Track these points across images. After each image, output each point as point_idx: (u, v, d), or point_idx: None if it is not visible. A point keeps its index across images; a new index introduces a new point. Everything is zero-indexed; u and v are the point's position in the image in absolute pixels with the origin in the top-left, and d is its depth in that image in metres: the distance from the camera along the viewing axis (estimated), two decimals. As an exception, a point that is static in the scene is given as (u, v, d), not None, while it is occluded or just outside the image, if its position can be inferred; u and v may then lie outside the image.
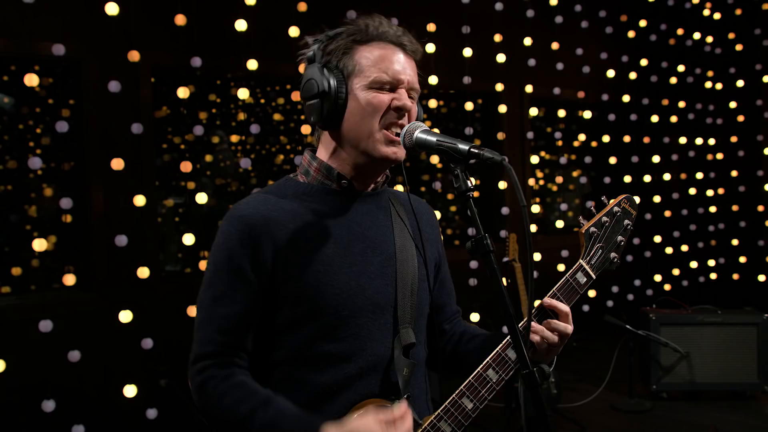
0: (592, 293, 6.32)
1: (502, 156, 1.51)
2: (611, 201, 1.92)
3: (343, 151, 1.77)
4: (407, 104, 1.73)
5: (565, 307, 1.78)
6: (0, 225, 4.86)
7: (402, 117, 1.73)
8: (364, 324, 1.71)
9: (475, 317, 5.57)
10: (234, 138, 6.03)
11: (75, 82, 4.62)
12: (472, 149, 1.54)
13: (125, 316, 4.15)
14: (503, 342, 1.73)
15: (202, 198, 4.44)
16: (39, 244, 3.84)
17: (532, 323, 1.75)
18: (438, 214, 5.84)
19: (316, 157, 1.82)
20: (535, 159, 6.74)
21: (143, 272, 4.31)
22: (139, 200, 4.33)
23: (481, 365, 1.72)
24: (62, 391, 4.05)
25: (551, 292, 1.81)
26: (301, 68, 1.81)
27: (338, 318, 1.69)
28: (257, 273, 1.67)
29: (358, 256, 1.74)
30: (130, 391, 4.21)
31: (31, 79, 3.78)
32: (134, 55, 4.23)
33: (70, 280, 4.06)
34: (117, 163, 4.14)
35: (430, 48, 5.43)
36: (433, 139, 1.62)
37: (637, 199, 1.97)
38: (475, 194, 6.59)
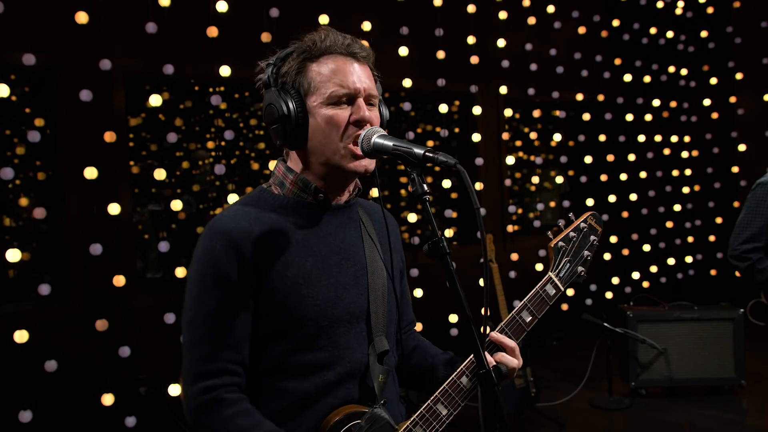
0: (570, 292, 6.36)
1: (455, 160, 1.53)
2: (579, 218, 1.96)
3: (312, 167, 1.79)
4: (365, 116, 1.73)
5: (511, 343, 1.80)
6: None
7: (362, 128, 1.73)
8: (342, 333, 1.74)
9: (453, 318, 5.61)
10: (210, 144, 6.03)
11: (48, 92, 4.61)
12: (426, 153, 1.56)
13: (102, 325, 4.14)
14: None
15: (177, 205, 4.44)
16: (13, 255, 3.83)
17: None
18: (414, 216, 5.88)
19: (291, 169, 1.82)
20: (510, 160, 6.77)
21: (119, 280, 4.30)
22: (114, 208, 4.32)
23: (456, 373, 1.75)
24: (39, 401, 4.04)
25: (522, 303, 1.84)
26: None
27: (318, 329, 1.71)
28: (244, 285, 1.68)
29: (334, 268, 1.77)
30: (108, 399, 4.20)
31: (1, 90, 3.77)
32: (106, 63, 4.23)
33: (45, 289, 4.04)
34: (90, 172, 4.14)
35: (404, 51, 5.46)
36: (390, 143, 1.64)
37: (604, 216, 2.01)
38: (453, 195, 6.55)
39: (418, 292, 5.49)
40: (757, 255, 3.95)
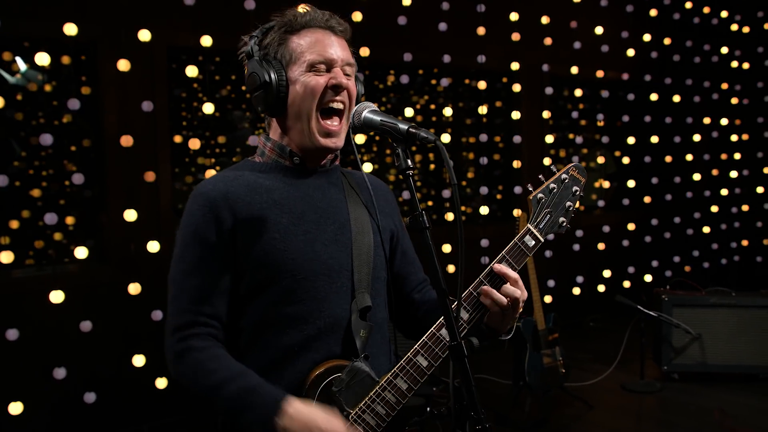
0: (607, 273, 6.31)
1: (435, 137, 1.61)
2: (560, 170, 1.98)
3: (291, 133, 1.91)
4: (342, 82, 1.86)
5: (513, 273, 1.84)
6: (24, 200, 5.00)
7: (338, 94, 1.86)
8: (321, 287, 1.83)
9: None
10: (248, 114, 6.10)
11: (90, 62, 4.73)
12: (410, 129, 1.65)
13: (134, 288, 4.28)
14: (454, 304, 1.80)
15: (211, 174, 4.53)
16: (50, 218, 3.97)
17: (484, 287, 1.82)
18: (448, 192, 5.88)
19: (269, 138, 1.96)
20: (549, 138, 6.69)
21: (154, 246, 4.42)
22: (151, 176, 4.44)
23: (435, 325, 1.80)
24: (73, 359, 4.20)
25: (500, 255, 1.87)
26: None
27: (295, 281, 1.81)
28: (222, 243, 1.80)
29: (312, 225, 1.87)
30: (138, 360, 4.35)
31: (42, 58, 3.90)
32: (145, 34, 4.32)
33: (81, 252, 4.20)
34: (126, 140, 4.26)
35: (443, 26, 5.43)
36: (378, 118, 1.74)
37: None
38: (498, 171, 6.43)
39: (451, 268, 5.53)
40: None
